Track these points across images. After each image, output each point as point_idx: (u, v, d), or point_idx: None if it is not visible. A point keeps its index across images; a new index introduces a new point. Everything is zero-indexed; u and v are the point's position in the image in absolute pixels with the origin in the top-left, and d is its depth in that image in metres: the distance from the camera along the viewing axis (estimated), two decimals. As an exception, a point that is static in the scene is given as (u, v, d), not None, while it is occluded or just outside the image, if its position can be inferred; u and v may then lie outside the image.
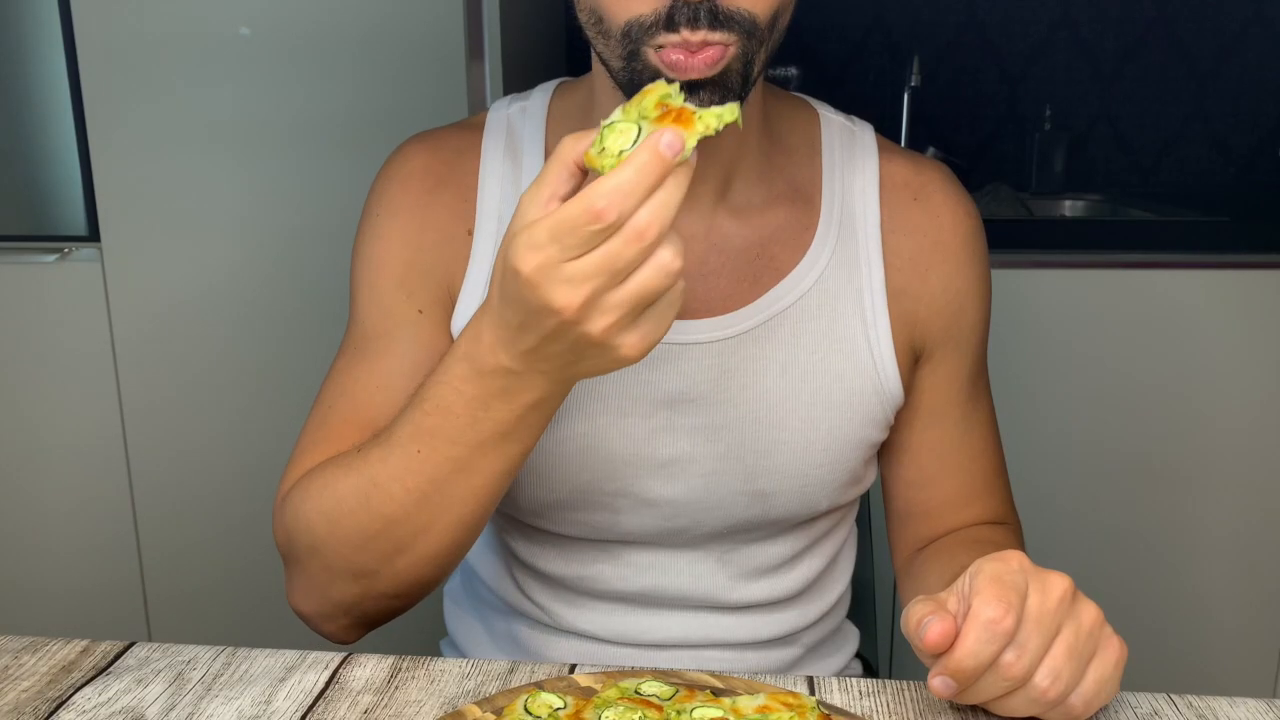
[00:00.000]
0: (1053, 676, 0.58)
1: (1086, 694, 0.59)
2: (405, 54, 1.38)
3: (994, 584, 0.59)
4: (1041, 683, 0.58)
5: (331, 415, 0.80)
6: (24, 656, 0.70)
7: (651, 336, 0.60)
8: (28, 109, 1.44)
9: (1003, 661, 0.58)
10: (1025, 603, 0.59)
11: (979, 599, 0.58)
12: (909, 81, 2.08)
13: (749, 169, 0.79)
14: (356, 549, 0.72)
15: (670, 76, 0.65)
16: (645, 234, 0.55)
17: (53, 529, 1.57)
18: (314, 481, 0.74)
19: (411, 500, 0.69)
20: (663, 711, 0.60)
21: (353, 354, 0.81)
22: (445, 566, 0.74)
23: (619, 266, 0.56)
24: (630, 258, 0.56)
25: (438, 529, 0.71)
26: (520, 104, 0.84)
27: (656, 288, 0.57)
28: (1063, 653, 0.58)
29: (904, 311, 0.81)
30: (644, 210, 0.55)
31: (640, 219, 0.55)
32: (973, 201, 0.85)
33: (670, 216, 0.56)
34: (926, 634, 0.59)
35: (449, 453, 0.67)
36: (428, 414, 0.67)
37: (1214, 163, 2.13)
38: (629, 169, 0.55)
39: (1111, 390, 1.59)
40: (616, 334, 0.59)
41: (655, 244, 0.56)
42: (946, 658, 0.59)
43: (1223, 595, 1.64)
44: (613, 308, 0.58)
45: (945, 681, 0.59)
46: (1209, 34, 2.07)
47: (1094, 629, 0.60)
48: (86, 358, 1.50)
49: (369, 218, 0.83)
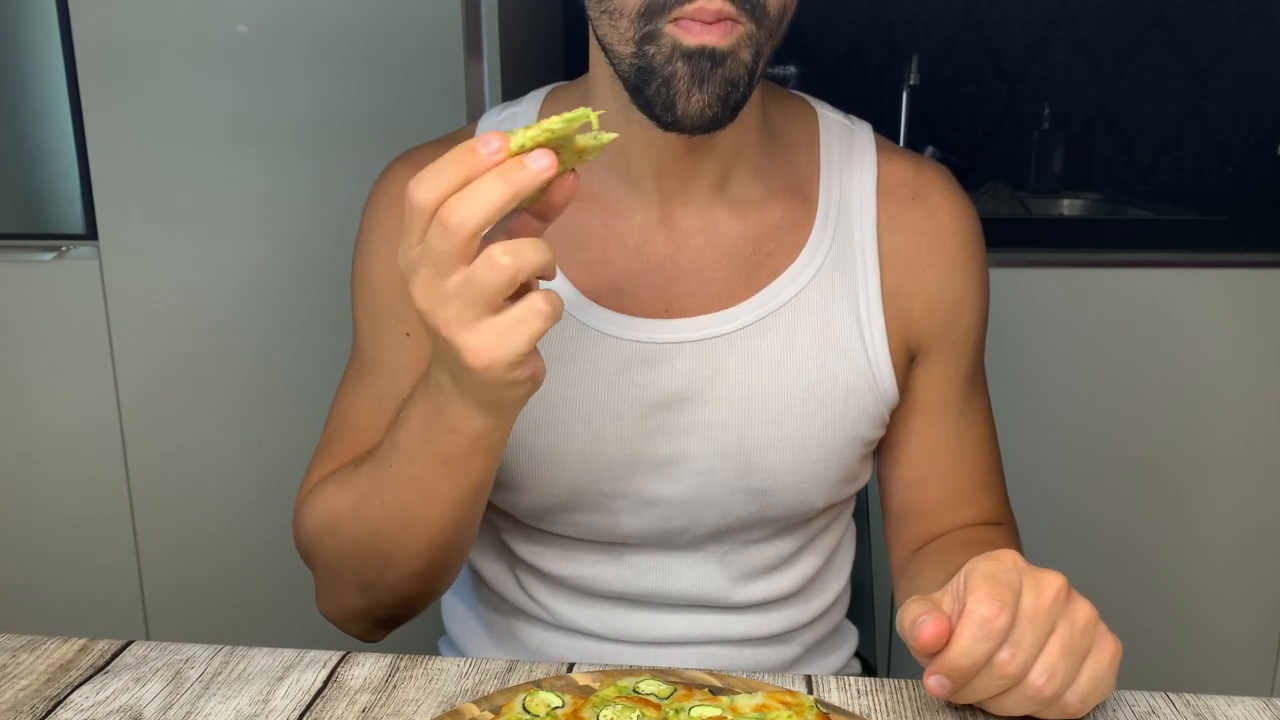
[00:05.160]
0: (1048, 674, 0.58)
1: (1082, 691, 0.59)
2: (404, 53, 1.38)
3: (988, 582, 0.59)
4: (1036, 680, 0.58)
5: (336, 437, 0.83)
6: (22, 655, 0.70)
7: (494, 348, 0.58)
8: (25, 106, 1.44)
9: (997, 660, 0.58)
10: (1020, 601, 0.59)
11: (973, 597, 0.58)
12: (907, 80, 2.08)
13: (747, 166, 0.80)
14: (355, 561, 0.76)
15: (688, 44, 0.66)
16: (449, 222, 0.55)
17: (50, 527, 1.57)
18: (318, 497, 0.78)
19: (390, 515, 0.72)
20: (661, 710, 0.60)
21: (354, 377, 0.84)
22: (434, 583, 0.77)
23: (438, 258, 0.56)
24: (444, 248, 0.55)
25: (414, 549, 0.73)
26: (511, 110, 0.84)
27: (486, 283, 0.56)
28: (1057, 650, 0.58)
29: (899, 310, 0.81)
30: (453, 201, 0.55)
31: (449, 208, 0.55)
32: (971, 203, 0.85)
33: (486, 210, 0.54)
34: (920, 633, 0.59)
35: (410, 470, 0.69)
36: (396, 428, 0.70)
37: (1212, 162, 2.13)
38: (443, 159, 0.55)
39: (1109, 389, 1.59)
40: (458, 331, 0.58)
41: (468, 236, 0.55)
42: (942, 656, 0.59)
43: (1220, 594, 1.65)
44: (450, 297, 0.57)
45: (941, 680, 0.59)
46: (1207, 33, 2.07)
47: (1088, 626, 0.60)
48: (84, 356, 1.50)
49: (360, 242, 0.84)
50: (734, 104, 0.69)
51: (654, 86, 0.68)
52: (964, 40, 2.12)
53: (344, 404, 0.84)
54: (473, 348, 0.58)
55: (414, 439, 0.68)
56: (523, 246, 0.56)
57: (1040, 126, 2.10)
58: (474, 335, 0.58)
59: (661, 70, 0.67)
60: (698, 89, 0.67)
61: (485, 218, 0.55)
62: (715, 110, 0.68)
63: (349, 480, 0.75)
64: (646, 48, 0.67)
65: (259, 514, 1.53)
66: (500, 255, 0.55)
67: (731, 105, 0.69)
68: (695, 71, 0.66)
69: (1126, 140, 2.14)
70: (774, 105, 0.82)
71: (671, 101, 0.68)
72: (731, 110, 0.69)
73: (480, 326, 0.58)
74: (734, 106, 0.69)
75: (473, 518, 0.74)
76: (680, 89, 0.67)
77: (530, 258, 0.56)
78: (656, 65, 0.67)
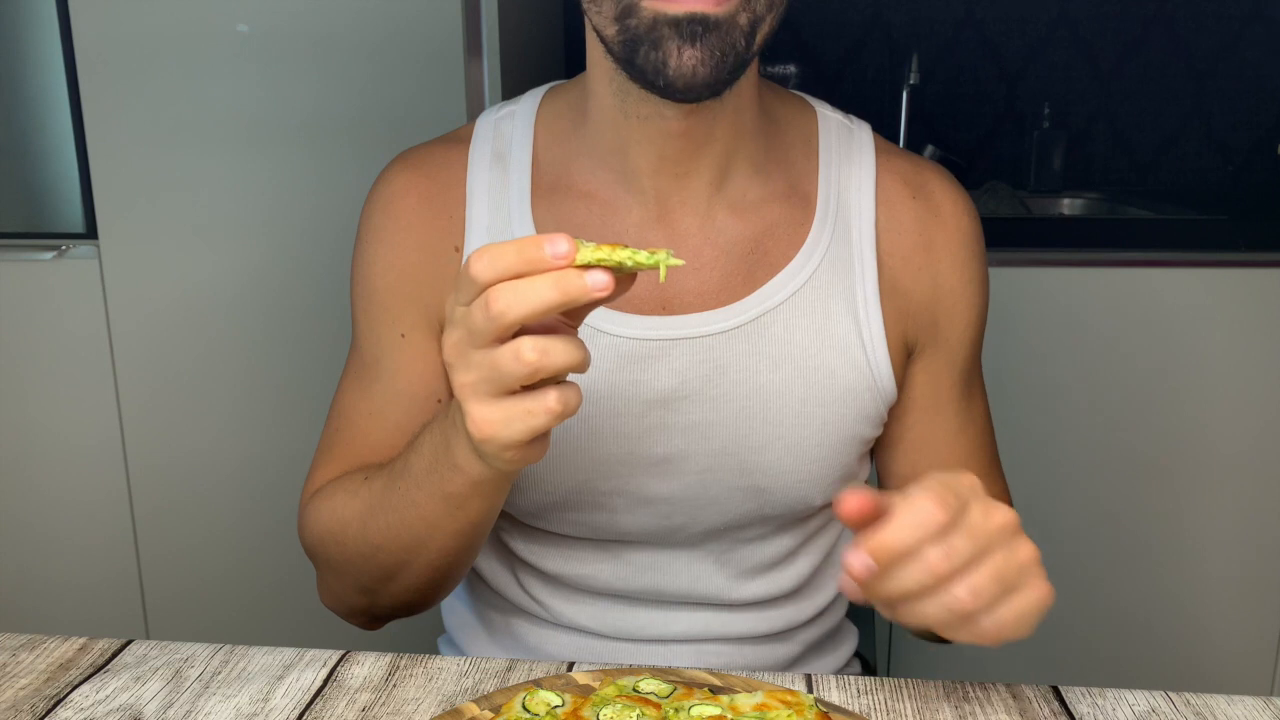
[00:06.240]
0: (973, 591, 0.57)
1: (1001, 621, 0.58)
2: (404, 52, 1.38)
3: (940, 485, 0.58)
4: (960, 593, 0.57)
5: (337, 438, 0.84)
6: (22, 654, 0.70)
7: (495, 427, 0.58)
8: (25, 105, 1.44)
9: (929, 556, 0.56)
10: (966, 514, 0.58)
11: (919, 488, 0.57)
12: (908, 80, 2.08)
13: (746, 165, 0.80)
14: (357, 569, 0.77)
15: (671, 13, 0.65)
16: (492, 306, 0.55)
17: (50, 526, 1.57)
18: (326, 502, 0.79)
19: (394, 535, 0.73)
20: (660, 709, 0.60)
21: (354, 376, 0.84)
22: (435, 594, 0.79)
23: (474, 329, 0.56)
24: (481, 327, 0.56)
25: (415, 567, 0.75)
26: (509, 109, 0.84)
27: (507, 371, 0.56)
28: (990, 572, 0.57)
29: (897, 308, 0.81)
30: (504, 287, 0.55)
31: (497, 292, 0.55)
32: (971, 201, 0.85)
33: (530, 308, 0.54)
34: (844, 500, 0.57)
35: (415, 495, 0.70)
36: (410, 451, 0.71)
37: (1213, 161, 2.13)
38: (511, 243, 0.55)
39: (1109, 389, 1.59)
40: (470, 397, 0.58)
41: (506, 325, 0.55)
42: (871, 533, 0.57)
43: (1220, 594, 1.65)
44: (472, 366, 0.58)
45: (863, 560, 0.57)
46: (1208, 33, 2.07)
47: (1027, 565, 0.59)
48: (84, 355, 1.50)
49: (358, 244, 0.84)
50: (730, 68, 0.67)
51: (643, 51, 0.67)
52: (964, 40, 2.12)
53: (344, 403, 0.84)
54: (476, 419, 0.58)
55: (423, 466, 0.69)
56: (552, 346, 0.56)
57: (1040, 126, 2.10)
58: (481, 408, 0.58)
59: (648, 36, 0.67)
60: (690, 46, 0.66)
61: (526, 314, 0.55)
62: (709, 70, 0.66)
63: (358, 492, 0.76)
64: (628, 21, 0.67)
65: (259, 513, 1.53)
66: (527, 351, 0.56)
67: (728, 68, 0.67)
68: (685, 33, 0.66)
69: (1127, 140, 2.14)
70: (773, 104, 0.83)
71: (663, 62, 0.67)
72: (728, 74, 0.68)
73: (490, 403, 0.58)
74: (730, 70, 0.68)
75: (476, 546, 0.75)
76: (670, 48, 0.66)
77: (557, 359, 0.56)
78: (641, 33, 0.67)
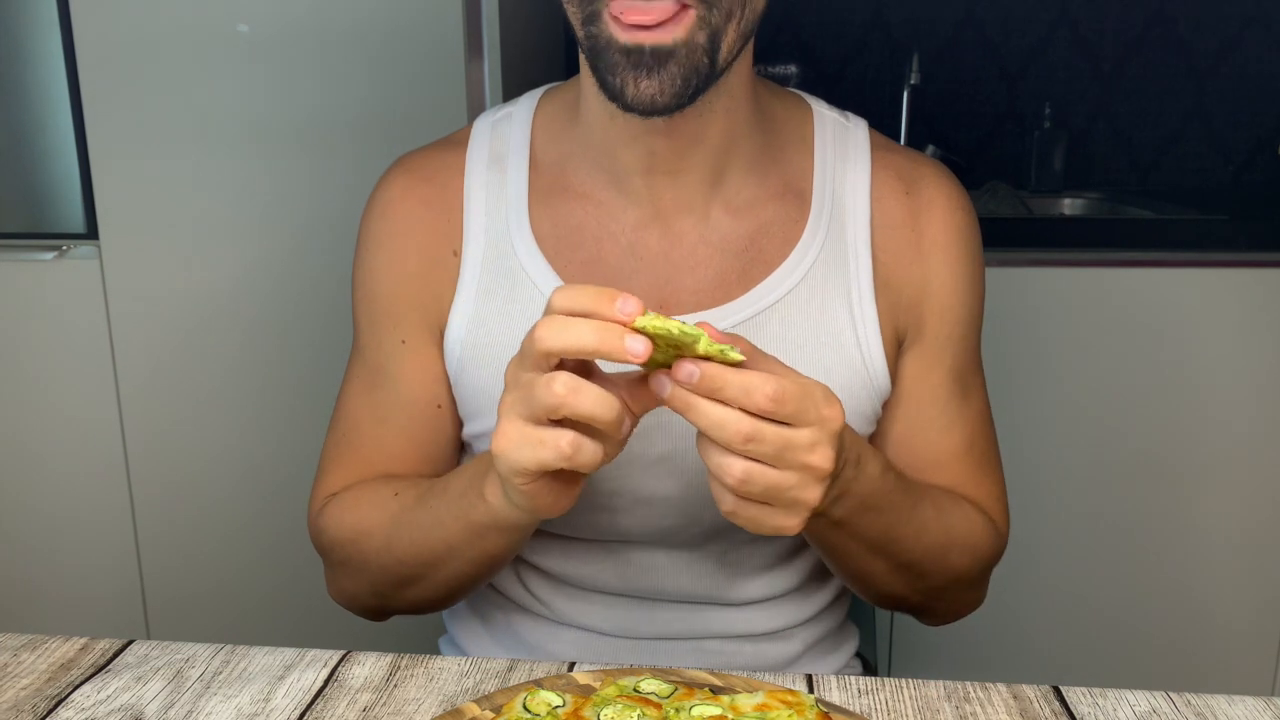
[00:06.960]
0: (745, 475, 0.59)
1: (746, 516, 0.61)
2: (405, 53, 1.38)
3: (802, 390, 0.59)
4: (735, 469, 0.59)
5: (346, 444, 0.85)
6: (23, 654, 0.70)
7: (509, 445, 0.60)
8: (26, 106, 1.44)
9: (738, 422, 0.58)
10: (799, 423, 0.59)
11: (777, 364, 0.60)
12: (908, 80, 2.08)
13: (742, 163, 0.80)
14: (375, 575, 0.80)
15: (623, 41, 0.66)
16: (537, 332, 0.58)
17: (51, 527, 1.57)
18: (350, 509, 0.81)
19: (415, 552, 0.76)
20: (661, 709, 0.60)
21: (357, 379, 0.85)
22: (448, 602, 0.82)
23: (528, 351, 0.59)
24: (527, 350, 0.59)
25: (433, 582, 0.78)
26: (506, 110, 0.85)
27: (537, 396, 0.58)
28: (770, 480, 0.59)
29: (890, 303, 0.81)
30: (554, 318, 0.57)
31: (548, 322, 0.58)
32: (967, 197, 0.85)
33: (566, 343, 0.57)
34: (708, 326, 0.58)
35: (442, 516, 0.73)
36: (453, 474, 0.74)
37: (1213, 161, 2.13)
38: (593, 287, 0.57)
39: (1109, 388, 1.59)
40: (505, 413, 0.61)
41: (543, 352, 0.57)
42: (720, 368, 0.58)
43: (1221, 594, 1.65)
44: (517, 385, 0.60)
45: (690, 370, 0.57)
46: (1208, 33, 2.07)
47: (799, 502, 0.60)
48: (84, 356, 1.50)
49: (358, 250, 0.85)
50: (695, 88, 0.68)
51: (601, 69, 0.69)
52: (964, 40, 2.12)
53: (350, 408, 0.85)
54: (499, 432, 0.61)
55: (458, 488, 0.71)
56: (582, 389, 0.58)
57: (1041, 126, 2.10)
58: (506, 424, 0.61)
59: (605, 56, 0.68)
60: (646, 77, 0.67)
61: (561, 348, 0.57)
62: (669, 96, 0.67)
63: (386, 505, 0.78)
64: (590, 28, 0.68)
65: (259, 513, 1.53)
66: (558, 385, 0.58)
67: (691, 90, 0.68)
68: (638, 64, 0.66)
69: (1127, 140, 2.14)
70: (769, 102, 0.83)
71: (620, 89, 0.68)
72: (693, 93, 0.69)
73: (515, 422, 0.60)
74: (696, 89, 0.69)
75: (493, 573, 0.78)
76: (626, 76, 0.67)
77: (584, 402, 0.58)
78: (600, 48, 0.68)
